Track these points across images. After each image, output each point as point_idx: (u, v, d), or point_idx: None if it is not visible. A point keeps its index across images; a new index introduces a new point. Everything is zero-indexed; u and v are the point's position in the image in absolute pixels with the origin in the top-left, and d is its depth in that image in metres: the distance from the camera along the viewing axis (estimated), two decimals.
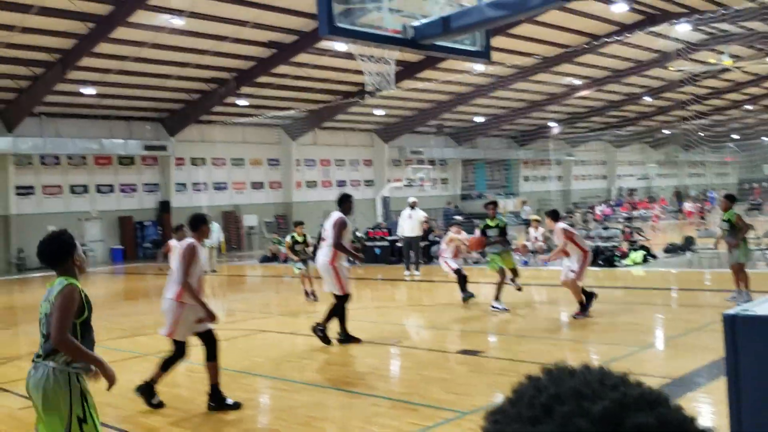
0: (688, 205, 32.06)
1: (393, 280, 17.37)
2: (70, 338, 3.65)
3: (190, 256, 6.26)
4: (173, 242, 11.65)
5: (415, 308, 12.92)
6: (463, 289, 11.92)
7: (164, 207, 29.94)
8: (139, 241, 29.45)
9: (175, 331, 6.28)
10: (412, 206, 17.27)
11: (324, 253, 8.83)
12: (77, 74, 22.76)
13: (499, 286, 11.03)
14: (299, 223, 13.95)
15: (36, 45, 20.84)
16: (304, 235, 13.67)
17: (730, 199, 10.98)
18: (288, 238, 14.11)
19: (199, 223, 6.53)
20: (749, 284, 10.41)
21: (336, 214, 8.84)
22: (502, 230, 11.36)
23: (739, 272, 10.48)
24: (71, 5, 18.31)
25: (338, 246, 8.65)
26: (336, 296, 8.87)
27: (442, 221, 29.56)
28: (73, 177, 27.84)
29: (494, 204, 11.83)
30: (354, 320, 10.98)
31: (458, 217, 28.75)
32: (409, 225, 17.06)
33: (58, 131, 26.82)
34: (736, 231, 10.58)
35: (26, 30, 19.48)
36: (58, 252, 3.85)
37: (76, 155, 27.46)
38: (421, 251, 18.07)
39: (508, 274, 11.54)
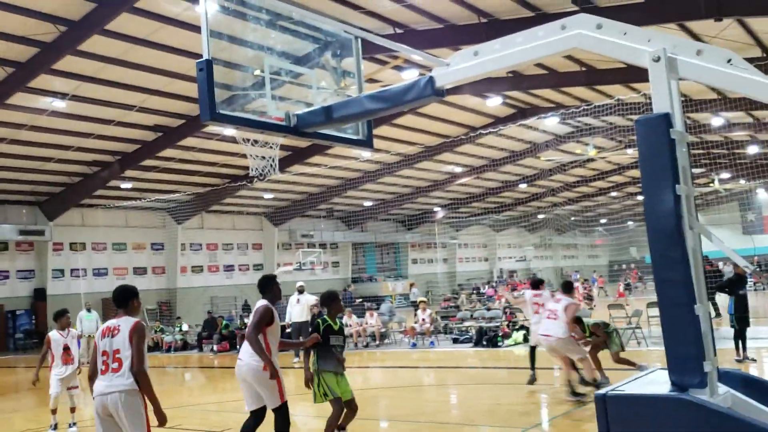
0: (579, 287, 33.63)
1: (281, 368, 17.03)
2: None
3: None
4: (53, 334, 9.95)
5: (302, 397, 12.68)
6: None
7: (39, 294, 28.20)
8: (11, 332, 27.45)
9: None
10: (300, 291, 17.20)
11: (251, 357, 6.71)
12: None
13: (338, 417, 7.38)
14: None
15: None
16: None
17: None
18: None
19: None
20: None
21: (259, 303, 6.91)
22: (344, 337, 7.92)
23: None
24: None
25: (248, 338, 6.59)
26: (275, 410, 6.67)
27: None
28: None
29: (333, 298, 7.70)
30: (226, 411, 10.64)
31: (359, 300, 28.88)
32: (298, 310, 16.90)
33: None
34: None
35: None
36: None
37: None
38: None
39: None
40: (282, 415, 6.60)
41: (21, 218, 27.56)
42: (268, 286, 7.02)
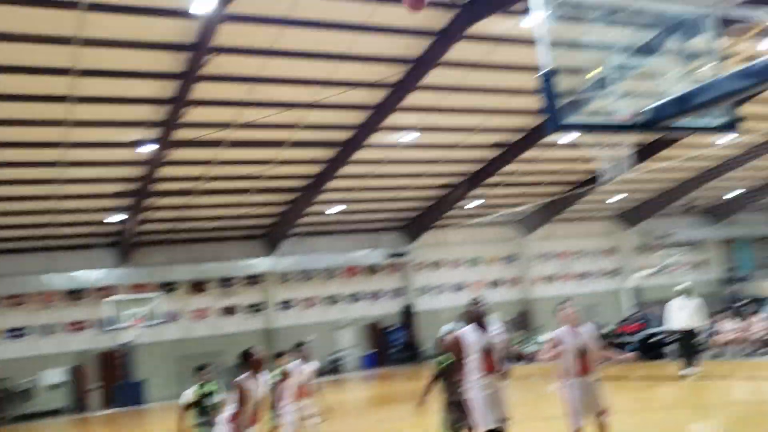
0: None
1: (653, 378, 15.89)
2: None
3: None
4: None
5: (683, 412, 11.58)
6: None
7: (408, 312, 30.94)
8: (388, 346, 30.48)
9: None
10: (684, 294, 15.21)
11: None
12: (324, 196, 24.98)
13: None
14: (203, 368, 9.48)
15: (290, 174, 23.36)
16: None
17: None
18: (191, 392, 9.28)
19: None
20: None
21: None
22: None
23: None
24: (318, 136, 20.45)
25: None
26: None
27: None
28: (325, 289, 30.04)
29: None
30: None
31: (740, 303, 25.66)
32: (684, 315, 15.05)
33: (311, 248, 29.41)
34: None
35: (281, 162, 22.00)
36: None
37: (327, 269, 29.78)
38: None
39: None
40: None
41: (387, 243, 30.70)
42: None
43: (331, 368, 28.63)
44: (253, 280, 28.55)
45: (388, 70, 17.33)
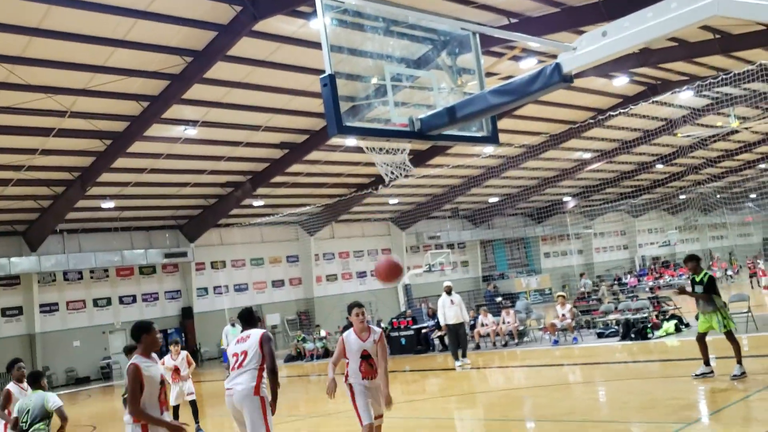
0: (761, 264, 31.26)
1: (422, 371, 16.99)
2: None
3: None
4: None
5: (449, 400, 12.55)
6: None
7: (187, 313, 29.93)
8: (164, 350, 29.15)
9: None
10: (449, 291, 16.37)
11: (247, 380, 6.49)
12: (97, 190, 23.33)
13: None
14: None
15: (56, 165, 21.49)
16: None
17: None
18: None
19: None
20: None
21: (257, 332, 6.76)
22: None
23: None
24: (89, 125, 18.99)
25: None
26: None
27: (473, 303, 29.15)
28: (96, 291, 28.04)
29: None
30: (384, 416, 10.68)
31: (499, 299, 28.48)
32: (453, 311, 16.21)
33: (80, 247, 27.25)
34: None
35: (46, 152, 20.15)
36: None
37: (98, 269, 27.77)
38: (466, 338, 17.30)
39: None
40: None
41: (165, 242, 29.40)
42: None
43: (103, 374, 26.93)
44: (12, 280, 25.83)
45: (170, 60, 16.65)
